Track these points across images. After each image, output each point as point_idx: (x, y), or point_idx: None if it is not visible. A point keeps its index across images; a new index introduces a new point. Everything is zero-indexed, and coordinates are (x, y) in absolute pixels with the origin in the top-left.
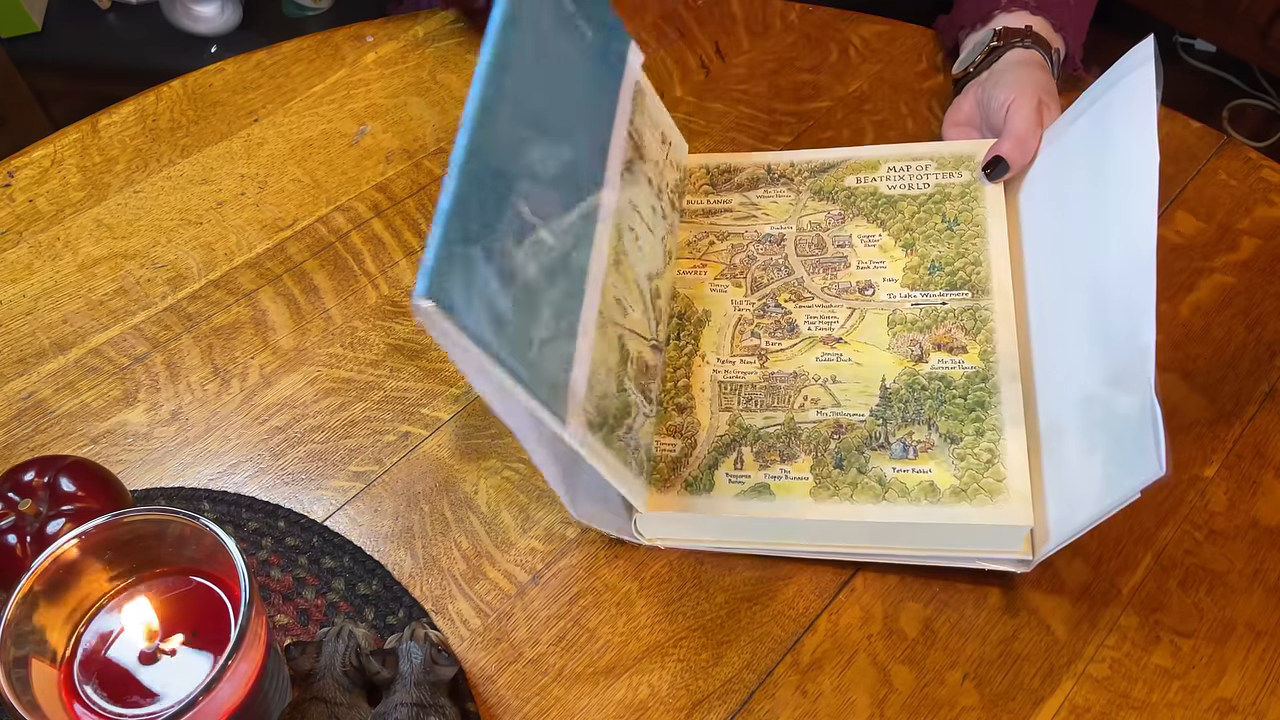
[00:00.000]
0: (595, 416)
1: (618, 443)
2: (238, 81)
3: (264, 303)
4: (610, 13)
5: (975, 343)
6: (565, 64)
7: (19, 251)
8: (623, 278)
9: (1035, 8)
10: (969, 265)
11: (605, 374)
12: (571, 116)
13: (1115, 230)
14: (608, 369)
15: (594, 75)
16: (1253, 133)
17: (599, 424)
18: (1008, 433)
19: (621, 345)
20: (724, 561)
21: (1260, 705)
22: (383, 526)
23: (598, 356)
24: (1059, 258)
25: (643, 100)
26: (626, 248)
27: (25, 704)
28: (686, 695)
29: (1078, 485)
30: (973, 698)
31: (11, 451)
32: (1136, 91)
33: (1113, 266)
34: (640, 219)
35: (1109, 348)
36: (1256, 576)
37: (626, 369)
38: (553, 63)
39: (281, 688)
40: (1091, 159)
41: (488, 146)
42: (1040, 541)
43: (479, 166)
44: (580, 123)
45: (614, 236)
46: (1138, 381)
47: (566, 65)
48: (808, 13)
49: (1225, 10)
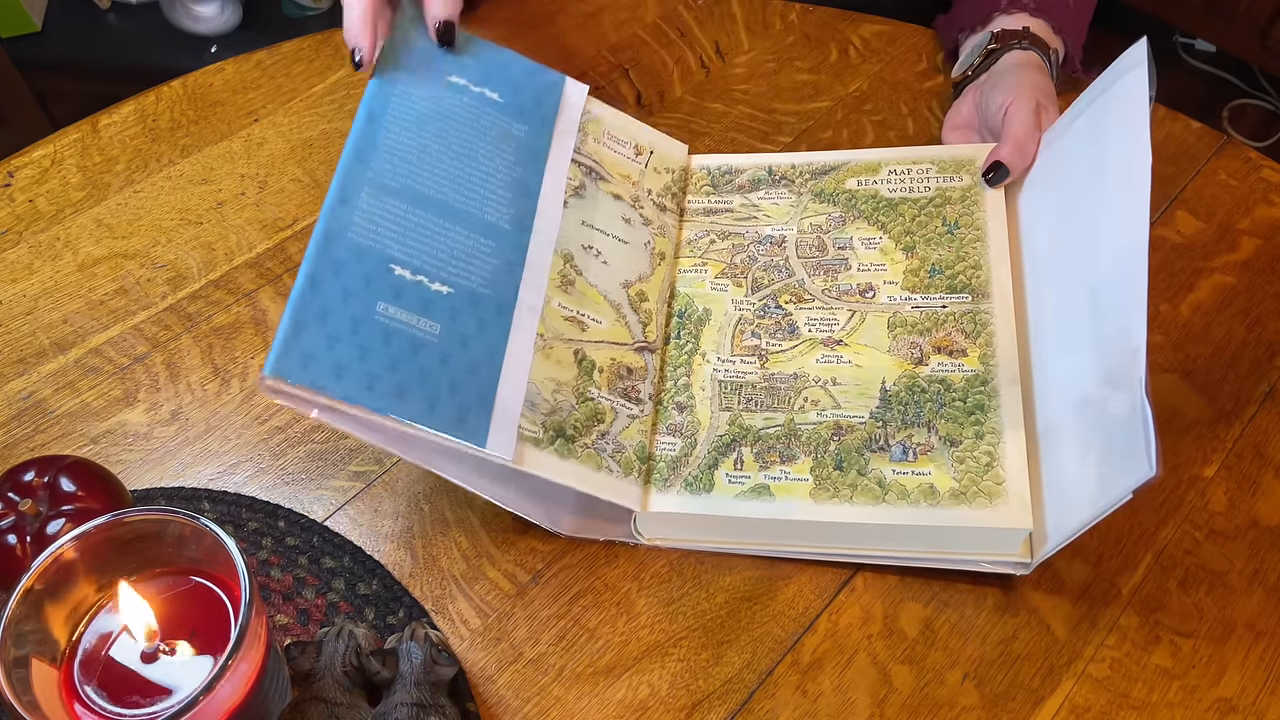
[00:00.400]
0: (542, 432)
1: (583, 450)
2: (238, 81)
3: (264, 302)
4: (522, 69)
5: (975, 346)
6: (458, 128)
7: (19, 251)
8: (579, 296)
9: (1034, 10)
10: (969, 269)
11: (554, 389)
12: (470, 174)
13: (1109, 232)
14: (558, 384)
15: (502, 130)
16: (1253, 133)
17: (551, 437)
18: (1007, 436)
19: (580, 359)
20: (724, 561)
21: (1260, 705)
22: (383, 526)
23: (540, 375)
24: (1057, 260)
25: (597, 127)
26: (584, 266)
27: (25, 704)
28: (686, 695)
29: (1074, 487)
30: (973, 698)
31: (11, 451)
32: (1130, 95)
33: (1106, 268)
34: (604, 235)
35: (1102, 349)
36: (1256, 576)
37: (592, 378)
38: (437, 134)
39: (281, 688)
40: (1087, 162)
41: (347, 228)
42: (1039, 544)
43: (337, 248)
44: (489, 176)
45: (558, 262)
46: (1129, 382)
47: (460, 129)
48: (808, 13)
49: (1225, 10)
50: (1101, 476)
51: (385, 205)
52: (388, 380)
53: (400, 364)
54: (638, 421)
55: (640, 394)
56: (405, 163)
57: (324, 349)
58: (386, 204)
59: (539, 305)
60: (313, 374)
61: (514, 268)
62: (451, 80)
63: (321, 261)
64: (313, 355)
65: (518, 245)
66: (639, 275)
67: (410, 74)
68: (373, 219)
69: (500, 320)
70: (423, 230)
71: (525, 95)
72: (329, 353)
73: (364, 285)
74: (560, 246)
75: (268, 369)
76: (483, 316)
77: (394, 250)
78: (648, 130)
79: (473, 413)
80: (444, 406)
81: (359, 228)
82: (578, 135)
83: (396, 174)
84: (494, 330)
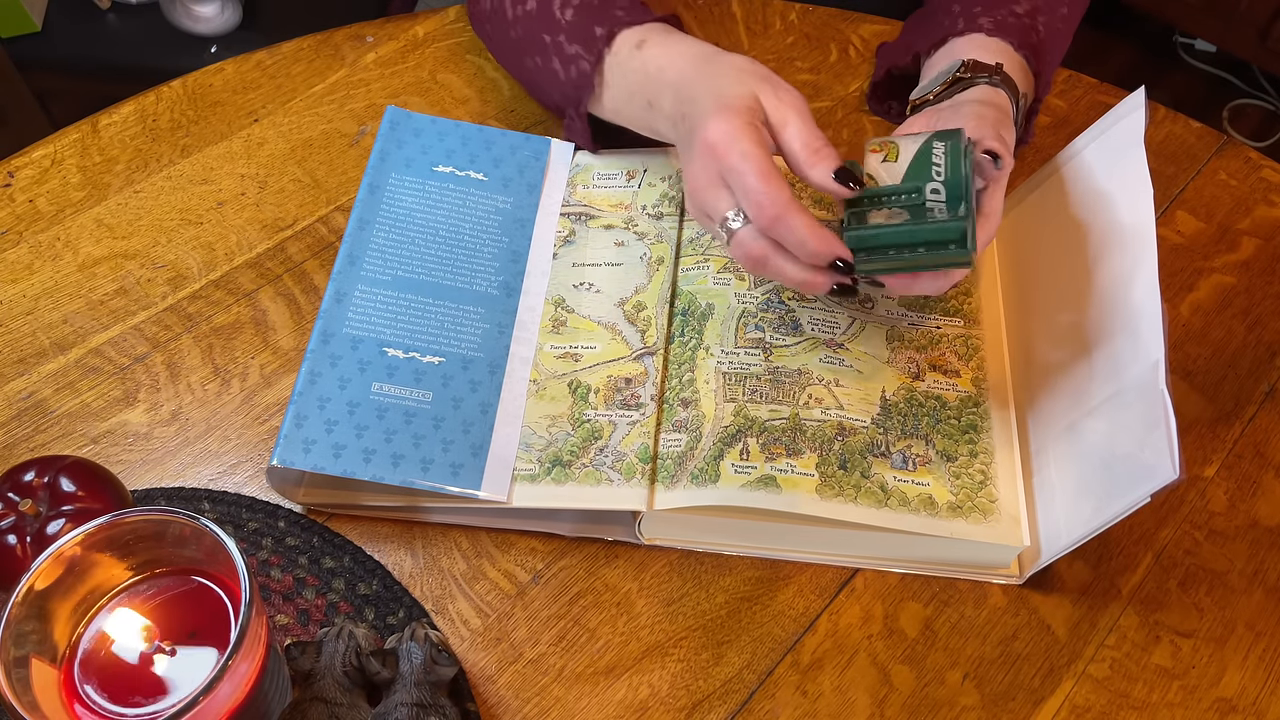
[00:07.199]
0: (538, 467)
1: (581, 470)
2: (238, 81)
3: (264, 302)
4: (506, 144)
5: (968, 369)
6: (444, 214)
7: (19, 251)
8: (570, 333)
9: (992, 30)
10: (960, 295)
11: (549, 425)
12: (458, 254)
13: (1114, 259)
14: (553, 419)
15: (488, 206)
16: (1253, 133)
17: (546, 470)
18: (999, 457)
19: (574, 387)
20: (724, 561)
21: (1260, 705)
22: (383, 526)
23: (534, 416)
24: (1051, 288)
25: (586, 174)
26: (575, 303)
27: (25, 704)
28: (687, 695)
29: (1067, 505)
30: (973, 698)
31: (11, 451)
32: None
33: (1113, 292)
34: (596, 267)
35: (1114, 368)
36: (1256, 576)
37: (588, 401)
38: (424, 225)
39: (282, 688)
40: (1087, 198)
41: (342, 324)
42: (1030, 560)
43: (334, 344)
44: (476, 251)
45: (549, 310)
46: (1149, 394)
47: (447, 214)
48: (808, 13)
49: (1225, 10)
50: (1105, 490)
51: (377, 296)
52: (383, 452)
53: (394, 434)
54: (639, 425)
55: (641, 399)
56: (395, 258)
57: (323, 434)
58: (378, 295)
59: (531, 355)
60: (314, 458)
61: (504, 329)
62: (437, 170)
63: (319, 358)
64: (313, 441)
65: (507, 308)
66: (635, 289)
67: (398, 173)
68: (365, 312)
69: (493, 378)
70: (413, 311)
71: (509, 168)
72: (328, 436)
73: (359, 371)
74: (551, 295)
75: (274, 459)
76: (475, 378)
77: (387, 335)
78: (638, 154)
79: (466, 467)
80: (438, 465)
81: (353, 321)
82: (565, 190)
83: (387, 268)
84: (486, 389)
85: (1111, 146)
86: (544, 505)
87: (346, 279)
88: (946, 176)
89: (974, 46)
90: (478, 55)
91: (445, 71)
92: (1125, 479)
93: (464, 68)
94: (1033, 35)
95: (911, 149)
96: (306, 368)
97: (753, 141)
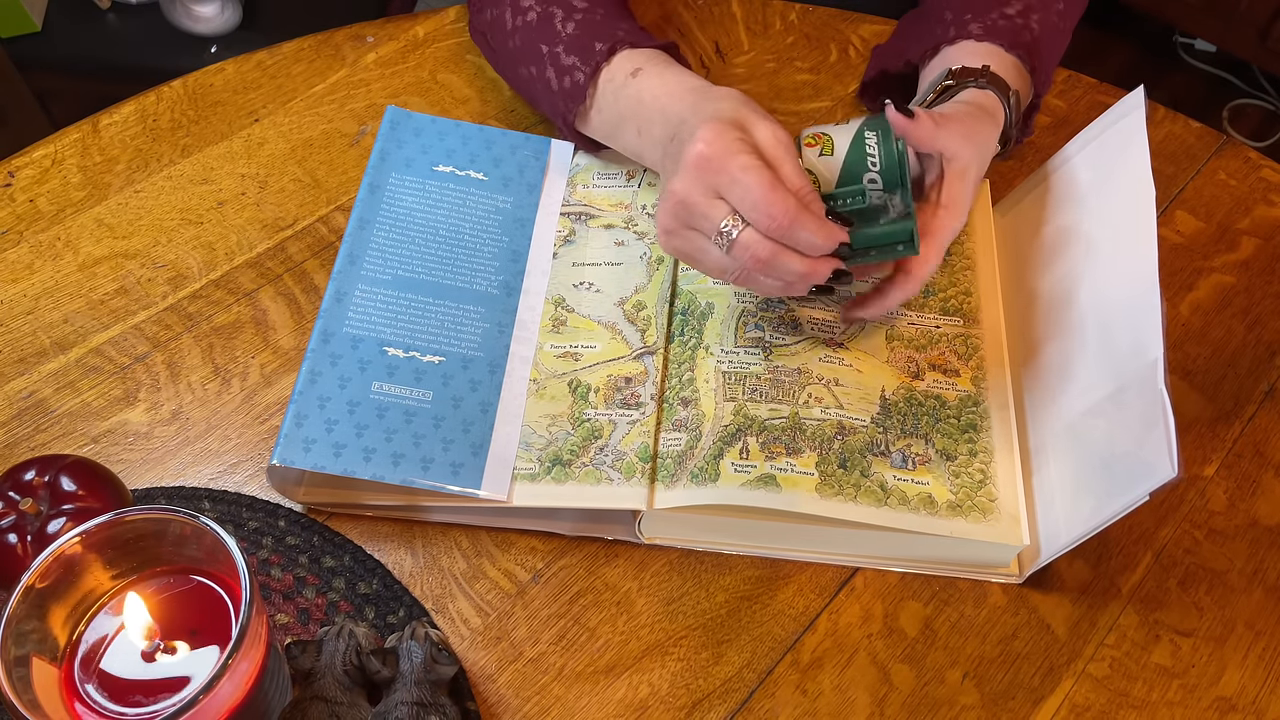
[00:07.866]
0: (538, 466)
1: (581, 470)
2: (238, 81)
3: (265, 302)
4: (506, 144)
5: (967, 368)
6: (444, 214)
7: (20, 251)
8: (571, 332)
9: (981, 35)
10: (960, 294)
11: (549, 424)
12: (458, 253)
13: (1115, 257)
14: (553, 418)
15: (488, 206)
16: (1253, 133)
17: (546, 469)
18: (998, 457)
19: (574, 386)
20: (724, 561)
21: (1260, 704)
22: (383, 526)
23: (534, 415)
24: (1052, 287)
25: (586, 174)
26: (575, 303)
27: (26, 703)
28: (687, 694)
29: (1067, 505)
30: (973, 697)
31: (12, 451)
32: (1131, 134)
33: (1113, 291)
34: (595, 266)
35: (1113, 366)
36: (1256, 576)
37: (588, 400)
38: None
39: (282, 687)
40: (1087, 196)
41: (342, 323)
42: (1030, 559)
43: (334, 343)
44: (476, 251)
45: (549, 309)
46: (1148, 393)
47: (447, 214)
48: (808, 13)
49: (1225, 10)
50: (1105, 488)
51: (377, 296)
52: (383, 451)
53: (395, 434)
54: (639, 425)
55: (641, 398)
56: (395, 257)
57: (323, 433)
58: (378, 294)
59: (531, 354)
60: (314, 457)
61: (504, 328)
62: (437, 170)
63: (319, 357)
64: (313, 440)
65: (507, 308)
66: (635, 288)
67: (398, 172)
68: (365, 311)
69: (493, 377)
70: (413, 311)
71: (509, 168)
72: (328, 435)
73: (359, 370)
74: (551, 294)
75: (274, 458)
76: (475, 377)
77: (387, 334)
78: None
79: (466, 466)
80: (438, 464)
81: (353, 321)
82: (565, 189)
83: (387, 267)
84: (486, 388)
85: (1110, 146)
86: (544, 504)
87: (347, 278)
88: (881, 165)
89: (964, 54)
90: (478, 55)
91: (445, 71)
92: (1124, 478)
93: (464, 68)
94: (1026, 34)
95: (845, 140)
96: (307, 367)
97: (748, 154)
